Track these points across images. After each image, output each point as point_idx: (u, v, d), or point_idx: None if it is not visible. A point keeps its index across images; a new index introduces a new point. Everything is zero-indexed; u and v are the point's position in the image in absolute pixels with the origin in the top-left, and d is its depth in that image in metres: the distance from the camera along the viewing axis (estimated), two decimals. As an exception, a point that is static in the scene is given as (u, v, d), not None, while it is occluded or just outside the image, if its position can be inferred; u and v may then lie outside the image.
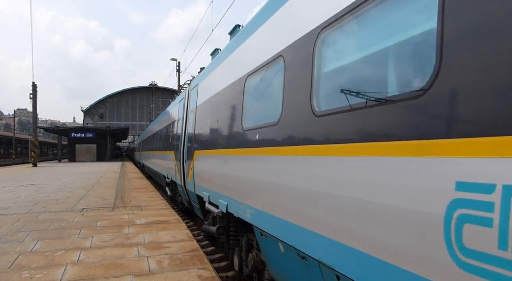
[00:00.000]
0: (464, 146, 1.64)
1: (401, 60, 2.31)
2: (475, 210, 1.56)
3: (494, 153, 1.51)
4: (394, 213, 2.03)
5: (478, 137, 1.58)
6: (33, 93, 30.37)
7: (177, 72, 33.86)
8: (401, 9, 2.21)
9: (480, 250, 1.54)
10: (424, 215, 1.83)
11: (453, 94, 1.72)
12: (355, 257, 2.36)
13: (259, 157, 3.99)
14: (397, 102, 2.06)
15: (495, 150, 1.51)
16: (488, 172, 1.53)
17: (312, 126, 2.91)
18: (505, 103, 1.49)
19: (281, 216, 3.42)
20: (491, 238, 1.49)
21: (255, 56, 4.39)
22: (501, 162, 1.48)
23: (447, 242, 1.68)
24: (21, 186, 13.89)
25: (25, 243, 5.50)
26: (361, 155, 2.31)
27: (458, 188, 1.64)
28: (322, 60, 2.94)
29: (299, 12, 3.43)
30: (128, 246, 5.39)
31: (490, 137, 1.54)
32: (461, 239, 1.61)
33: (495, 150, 1.51)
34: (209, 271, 4.34)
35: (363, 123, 2.33)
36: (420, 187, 1.86)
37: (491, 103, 1.55)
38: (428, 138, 1.83)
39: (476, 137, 1.59)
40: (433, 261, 1.76)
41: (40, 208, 8.70)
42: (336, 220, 2.56)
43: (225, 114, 5.47)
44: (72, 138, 42.16)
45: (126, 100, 76.32)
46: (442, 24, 1.79)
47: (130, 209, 8.69)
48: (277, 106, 3.58)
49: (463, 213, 1.61)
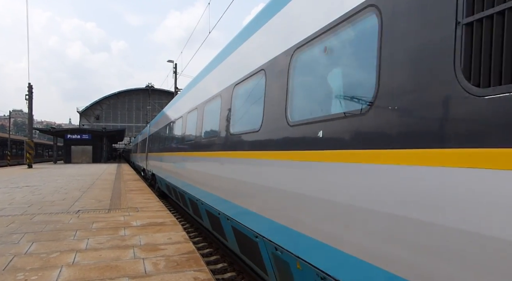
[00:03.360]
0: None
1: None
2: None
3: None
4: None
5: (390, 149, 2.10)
6: (29, 94, 30.21)
7: (173, 74, 33.85)
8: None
9: None
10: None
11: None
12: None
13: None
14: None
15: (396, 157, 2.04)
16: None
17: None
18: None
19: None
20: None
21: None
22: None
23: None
24: (16, 188, 13.79)
25: (20, 245, 5.47)
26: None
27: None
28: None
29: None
30: (124, 248, 5.37)
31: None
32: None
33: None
34: (205, 273, 4.34)
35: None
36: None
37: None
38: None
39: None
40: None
41: (35, 210, 8.64)
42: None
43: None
44: (67, 139, 41.90)
45: (122, 102, 76.12)
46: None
47: (126, 211, 8.66)
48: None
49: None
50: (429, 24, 1.87)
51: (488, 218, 1.54)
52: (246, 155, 4.39)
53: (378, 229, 2.16)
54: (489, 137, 1.55)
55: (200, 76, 8.02)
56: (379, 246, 2.18)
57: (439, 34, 1.80)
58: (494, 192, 1.52)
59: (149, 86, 68.58)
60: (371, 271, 2.23)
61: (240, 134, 4.74)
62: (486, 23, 1.61)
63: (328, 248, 2.66)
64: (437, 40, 1.82)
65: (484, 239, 1.55)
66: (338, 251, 2.56)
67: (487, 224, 1.54)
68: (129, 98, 76.08)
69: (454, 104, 1.71)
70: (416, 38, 1.96)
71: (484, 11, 1.60)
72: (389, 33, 2.16)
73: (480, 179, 1.57)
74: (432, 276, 1.81)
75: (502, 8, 1.53)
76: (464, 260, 1.67)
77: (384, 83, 2.17)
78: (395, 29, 2.12)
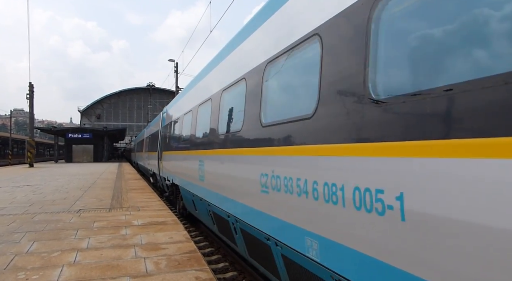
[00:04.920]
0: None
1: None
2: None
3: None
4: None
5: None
6: (30, 93, 30.25)
7: (174, 73, 33.84)
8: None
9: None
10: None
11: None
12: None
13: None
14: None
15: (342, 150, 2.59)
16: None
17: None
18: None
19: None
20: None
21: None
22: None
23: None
24: (17, 187, 13.81)
25: (21, 244, 5.46)
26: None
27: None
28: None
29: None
30: (125, 247, 5.36)
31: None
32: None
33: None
34: (206, 273, 4.32)
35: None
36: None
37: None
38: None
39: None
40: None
41: (36, 209, 8.64)
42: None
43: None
44: (69, 138, 41.96)
45: (123, 101, 76.16)
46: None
47: (127, 210, 8.65)
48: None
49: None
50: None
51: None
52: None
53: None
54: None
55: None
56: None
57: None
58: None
59: (150, 86, 68.60)
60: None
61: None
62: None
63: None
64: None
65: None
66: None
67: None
68: (130, 98, 76.10)
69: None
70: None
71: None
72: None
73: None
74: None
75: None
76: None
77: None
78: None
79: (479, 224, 1.58)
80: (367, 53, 2.37)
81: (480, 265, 1.58)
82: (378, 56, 2.32)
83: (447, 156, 1.74)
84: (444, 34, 1.91)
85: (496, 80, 1.55)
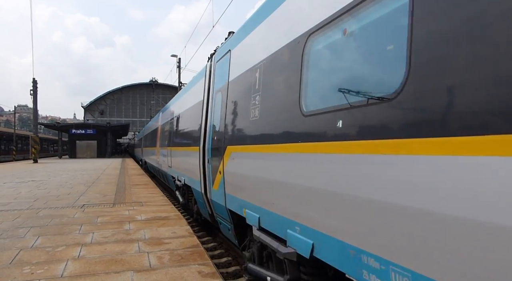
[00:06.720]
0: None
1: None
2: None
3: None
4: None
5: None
6: (33, 89, 30.34)
7: (177, 69, 33.81)
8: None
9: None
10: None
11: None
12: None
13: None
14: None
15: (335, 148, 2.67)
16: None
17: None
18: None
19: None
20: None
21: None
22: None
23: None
24: (22, 182, 13.91)
25: (26, 239, 5.52)
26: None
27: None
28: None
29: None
30: (129, 242, 5.41)
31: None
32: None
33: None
34: (209, 267, 4.36)
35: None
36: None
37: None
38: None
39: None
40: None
41: (40, 204, 8.72)
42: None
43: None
44: (72, 134, 42.14)
45: (126, 97, 76.23)
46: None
47: (131, 205, 8.70)
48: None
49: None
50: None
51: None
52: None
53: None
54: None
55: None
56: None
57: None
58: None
59: (153, 81, 68.45)
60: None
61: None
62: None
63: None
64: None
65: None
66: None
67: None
68: (133, 93, 76.17)
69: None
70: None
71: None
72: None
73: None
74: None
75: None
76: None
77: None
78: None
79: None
80: None
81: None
82: None
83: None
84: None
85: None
